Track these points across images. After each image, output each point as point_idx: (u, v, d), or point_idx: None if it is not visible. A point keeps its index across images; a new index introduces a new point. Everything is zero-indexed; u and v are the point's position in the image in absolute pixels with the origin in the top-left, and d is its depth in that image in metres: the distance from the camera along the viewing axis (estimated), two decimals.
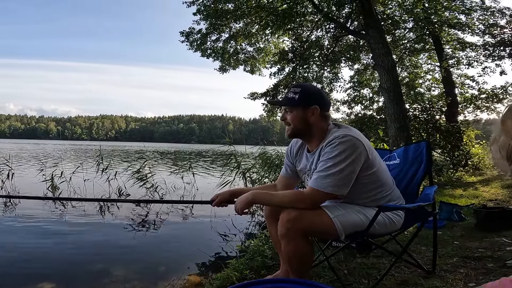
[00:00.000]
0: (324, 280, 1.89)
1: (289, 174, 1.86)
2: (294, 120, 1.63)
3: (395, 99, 7.63)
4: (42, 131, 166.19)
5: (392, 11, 10.28)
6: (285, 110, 1.67)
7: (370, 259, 2.21)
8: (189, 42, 11.25)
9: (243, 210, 1.58)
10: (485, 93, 11.54)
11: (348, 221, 1.50)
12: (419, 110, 9.63)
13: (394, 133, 7.52)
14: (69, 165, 10.02)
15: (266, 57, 12.23)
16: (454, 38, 11.08)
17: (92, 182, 6.28)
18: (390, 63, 7.77)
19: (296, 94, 1.62)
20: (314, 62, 11.61)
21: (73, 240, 3.62)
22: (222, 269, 2.31)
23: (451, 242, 2.55)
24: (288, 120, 1.65)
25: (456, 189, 5.60)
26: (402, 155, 2.04)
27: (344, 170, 1.46)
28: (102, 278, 2.57)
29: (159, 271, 2.78)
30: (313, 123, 1.61)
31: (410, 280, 1.82)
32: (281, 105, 1.72)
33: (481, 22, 10.19)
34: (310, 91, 1.66)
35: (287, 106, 1.66)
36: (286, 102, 1.65)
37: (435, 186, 1.85)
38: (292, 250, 1.49)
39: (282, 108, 1.73)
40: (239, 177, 5.80)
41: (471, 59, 11.46)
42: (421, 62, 12.61)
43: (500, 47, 10.44)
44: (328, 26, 10.28)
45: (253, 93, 12.42)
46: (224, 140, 6.21)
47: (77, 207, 5.24)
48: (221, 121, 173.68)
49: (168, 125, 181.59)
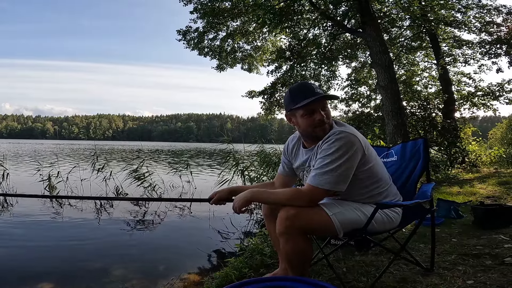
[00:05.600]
0: (323, 278, 1.89)
1: (287, 172, 1.85)
2: (329, 115, 1.61)
3: (392, 96, 7.65)
4: (39, 131, 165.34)
5: (389, 9, 10.28)
6: (325, 103, 1.60)
7: (368, 256, 2.22)
8: (186, 41, 11.24)
9: (241, 208, 1.57)
10: (482, 90, 11.59)
11: (346, 218, 1.50)
12: (416, 108, 9.67)
13: (391, 131, 7.55)
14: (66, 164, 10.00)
15: (264, 55, 12.24)
16: (451, 36, 11.12)
17: (89, 181, 6.26)
18: (387, 61, 7.79)
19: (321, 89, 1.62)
20: (312, 60, 11.61)
21: (71, 239, 3.61)
22: (221, 267, 2.31)
23: (449, 239, 2.56)
24: (330, 115, 1.60)
25: (453, 186, 5.62)
26: (400, 152, 2.03)
27: (342, 166, 1.46)
28: (101, 278, 2.57)
29: (158, 270, 2.77)
30: None
31: (408, 277, 1.82)
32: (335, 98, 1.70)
33: (477, 20, 10.23)
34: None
35: (332, 100, 1.65)
36: (332, 96, 1.63)
37: (433, 183, 1.84)
38: (291, 248, 1.48)
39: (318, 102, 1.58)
40: (237, 175, 5.80)
41: (467, 57, 11.51)
42: (418, 60, 12.64)
43: (496, 44, 10.48)
44: (325, 24, 10.27)
45: (250, 91, 12.42)
46: (223, 138, 6.21)
47: (74, 206, 5.23)
48: (219, 120, 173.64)
49: (166, 124, 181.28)
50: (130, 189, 6.01)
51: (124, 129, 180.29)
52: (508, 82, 11.90)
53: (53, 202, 5.38)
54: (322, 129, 1.57)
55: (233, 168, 5.82)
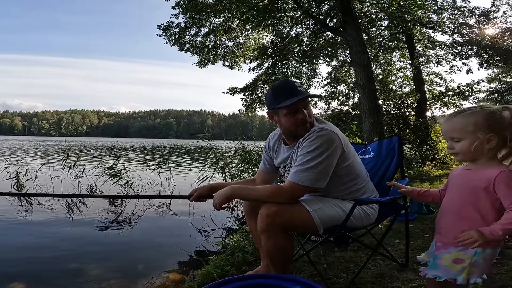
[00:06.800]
0: (304, 274, 1.93)
1: (268, 169, 1.86)
2: (311, 114, 1.64)
3: (369, 95, 7.86)
4: (7, 126, 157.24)
5: (369, 9, 10.52)
6: (309, 103, 1.64)
7: (348, 252, 2.28)
8: (167, 36, 11.04)
9: (221, 205, 1.56)
10: (452, 90, 12.17)
11: (326, 215, 1.53)
12: (391, 106, 10.00)
13: (368, 128, 7.76)
14: (35, 161, 9.55)
15: (246, 52, 12.20)
16: (425, 37, 11.55)
17: (60, 179, 5.99)
18: (365, 60, 7.98)
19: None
20: (293, 58, 11.70)
21: (42, 239, 3.47)
22: (203, 265, 2.29)
23: (422, 235, 2.67)
24: (311, 113, 1.64)
25: (424, 182, 5.87)
26: (376, 149, 2.09)
27: (322, 163, 1.48)
28: (76, 278, 2.49)
29: (137, 269, 2.71)
30: None
31: (385, 273, 1.89)
32: (318, 97, 1.71)
33: (451, 21, 10.67)
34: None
35: (313, 99, 1.66)
36: (316, 95, 1.65)
37: (407, 180, 1.89)
38: (272, 245, 1.49)
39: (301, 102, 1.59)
40: (218, 172, 5.76)
41: (440, 58, 12.04)
42: (394, 60, 13.06)
43: (468, 46, 10.98)
44: (307, 22, 10.37)
45: (232, 88, 12.38)
46: (203, 135, 6.13)
47: (45, 205, 5.00)
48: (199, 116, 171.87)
49: (144, 120, 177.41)
50: (105, 186, 5.78)
51: (99, 125, 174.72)
52: (477, 83, 12.56)
53: (22, 201, 5.13)
54: (304, 128, 1.59)
55: (214, 165, 5.78)
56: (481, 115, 1.10)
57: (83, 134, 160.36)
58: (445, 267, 1.16)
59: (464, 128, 1.12)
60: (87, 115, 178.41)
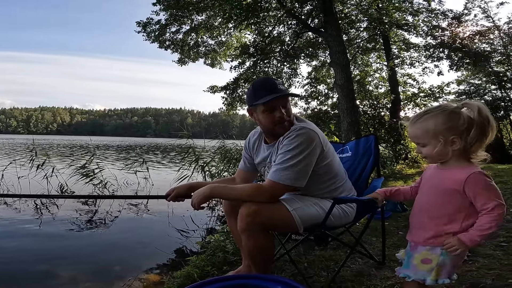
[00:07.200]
0: (286, 273, 1.93)
1: (248, 168, 1.85)
2: (290, 113, 1.62)
3: (347, 95, 8.03)
4: None
5: (350, 10, 10.74)
6: (288, 101, 1.63)
7: (327, 251, 2.30)
8: (146, 33, 10.77)
9: (200, 204, 1.54)
10: (424, 92, 12.71)
11: (306, 214, 1.53)
12: (368, 106, 10.28)
13: (346, 127, 7.93)
14: (0, 160, 9.03)
15: (228, 51, 12.10)
16: (401, 39, 11.96)
17: (28, 179, 5.66)
18: (344, 60, 8.15)
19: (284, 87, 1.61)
20: (275, 57, 11.74)
21: (9, 241, 3.28)
22: (183, 266, 2.25)
23: (397, 232, 2.76)
24: (290, 111, 1.62)
25: (398, 181, 6.08)
26: (354, 148, 2.12)
27: (302, 162, 1.49)
28: (47, 280, 2.39)
29: (113, 270, 2.62)
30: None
31: (364, 271, 1.93)
32: (296, 96, 1.69)
33: (425, 24, 11.10)
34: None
35: (292, 97, 1.64)
36: (292, 94, 1.64)
37: (382, 178, 1.93)
38: (253, 245, 1.49)
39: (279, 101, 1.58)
40: (197, 171, 5.67)
41: (413, 60, 12.54)
42: (371, 61, 13.42)
43: (439, 48, 11.48)
44: (290, 22, 10.43)
45: (213, 87, 12.28)
46: (182, 133, 6.02)
47: (11, 206, 4.74)
48: (179, 115, 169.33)
49: (120, 118, 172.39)
50: (77, 186, 5.52)
51: (71, 123, 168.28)
52: (447, 84, 13.18)
53: None
54: (282, 126, 1.58)
55: (193, 163, 5.69)
56: (440, 118, 1.10)
57: (53, 132, 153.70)
58: (415, 266, 1.17)
59: (425, 133, 1.12)
60: (58, 112, 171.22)
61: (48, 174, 5.75)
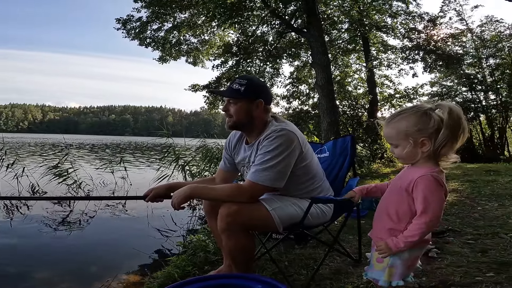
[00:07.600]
0: (267, 272, 1.95)
1: (228, 168, 1.86)
2: (238, 113, 1.63)
3: (328, 95, 8.20)
4: None
5: (332, 11, 10.92)
6: (229, 101, 1.65)
7: (307, 249, 2.35)
8: (126, 30, 10.49)
9: (180, 205, 1.54)
10: (399, 93, 13.17)
11: (285, 213, 1.56)
12: (347, 107, 10.54)
13: (326, 127, 8.09)
14: None
15: (210, 50, 12.02)
16: (380, 41, 12.31)
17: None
18: (325, 61, 8.30)
19: (242, 86, 1.61)
20: (258, 57, 11.77)
21: None
22: (163, 266, 2.23)
23: None
24: (231, 112, 1.64)
25: (374, 179, 6.27)
26: (331, 148, 2.16)
27: (281, 163, 1.51)
28: (20, 283, 2.30)
29: (90, 271, 2.56)
30: (256, 116, 1.64)
31: (342, 269, 1.98)
32: (226, 96, 1.67)
33: (403, 26, 11.47)
34: (257, 84, 1.67)
35: (232, 98, 1.63)
36: (231, 93, 1.63)
37: (358, 178, 1.99)
38: (233, 245, 1.50)
39: (225, 99, 1.69)
40: (178, 171, 5.60)
41: (390, 61, 12.94)
42: (351, 62, 13.73)
43: (415, 51, 11.89)
44: (273, 22, 10.48)
45: (194, 85, 12.15)
46: (162, 132, 5.92)
47: None
48: (159, 113, 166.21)
49: (97, 116, 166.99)
50: (49, 187, 5.32)
51: (43, 120, 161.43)
52: (421, 86, 13.71)
53: None
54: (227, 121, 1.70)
55: (173, 163, 5.61)
56: (411, 119, 1.09)
57: (24, 130, 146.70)
58: (373, 265, 1.19)
59: (397, 134, 1.13)
60: (30, 109, 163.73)
61: (19, 174, 5.51)
